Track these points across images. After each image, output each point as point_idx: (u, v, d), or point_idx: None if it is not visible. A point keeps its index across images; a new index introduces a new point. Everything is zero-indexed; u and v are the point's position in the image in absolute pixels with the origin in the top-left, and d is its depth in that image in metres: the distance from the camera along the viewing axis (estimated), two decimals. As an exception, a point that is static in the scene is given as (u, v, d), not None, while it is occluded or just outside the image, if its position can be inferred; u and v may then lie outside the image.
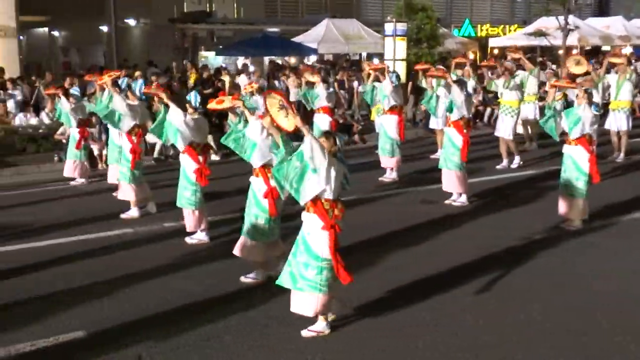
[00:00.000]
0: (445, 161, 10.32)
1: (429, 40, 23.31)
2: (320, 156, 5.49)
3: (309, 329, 5.79)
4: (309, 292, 5.64)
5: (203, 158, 8.32)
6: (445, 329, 5.93)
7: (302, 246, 5.70)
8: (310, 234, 5.66)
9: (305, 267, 5.64)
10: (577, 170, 8.91)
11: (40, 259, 7.90)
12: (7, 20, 19.31)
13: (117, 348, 5.54)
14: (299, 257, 5.70)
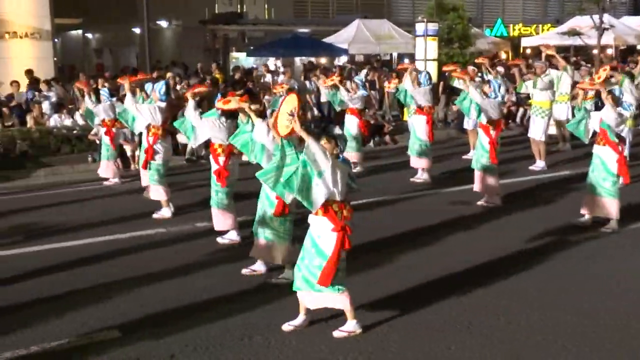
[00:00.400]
0: (476, 162, 10.29)
1: (461, 41, 23.19)
2: (322, 158, 5.49)
3: (340, 329, 5.78)
4: (329, 292, 5.68)
5: (225, 159, 8.33)
6: (477, 330, 5.88)
7: (313, 249, 5.69)
8: (320, 236, 5.67)
9: (319, 270, 5.64)
10: (605, 171, 8.80)
11: (74, 258, 7.99)
12: (42, 23, 19.57)
13: (151, 347, 5.58)
14: (311, 260, 5.69)
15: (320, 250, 5.64)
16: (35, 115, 15.36)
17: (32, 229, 9.36)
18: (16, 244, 8.63)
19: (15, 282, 7.17)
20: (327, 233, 5.62)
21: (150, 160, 9.85)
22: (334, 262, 5.59)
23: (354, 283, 6.94)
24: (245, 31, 31.31)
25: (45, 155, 14.06)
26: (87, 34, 36.40)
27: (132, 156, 13.96)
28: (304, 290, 5.78)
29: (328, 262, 5.59)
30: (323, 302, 5.78)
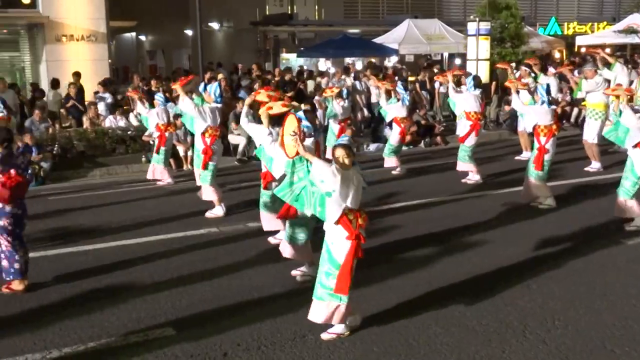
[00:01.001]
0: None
1: (513, 40, 22.92)
2: (330, 178, 5.42)
3: (329, 332, 5.77)
4: (329, 301, 5.63)
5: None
6: (532, 334, 5.80)
7: (326, 255, 5.67)
8: (334, 243, 5.62)
9: (327, 276, 5.62)
10: (630, 171, 8.78)
11: (129, 256, 8.15)
12: (98, 26, 19.96)
13: (204, 345, 5.65)
14: (322, 266, 5.69)
15: (332, 257, 5.61)
16: (91, 117, 15.70)
17: (88, 227, 9.57)
18: (73, 242, 8.84)
19: (72, 279, 7.34)
20: (341, 241, 5.57)
21: (209, 161, 9.98)
22: (348, 270, 5.54)
23: (402, 283, 6.94)
24: (296, 32, 31.46)
25: (101, 155, 14.38)
26: (141, 36, 37.05)
27: (185, 157, 14.15)
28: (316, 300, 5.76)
29: (342, 270, 5.54)
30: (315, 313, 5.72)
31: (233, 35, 31.08)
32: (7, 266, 6.91)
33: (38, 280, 7.26)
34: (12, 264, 6.90)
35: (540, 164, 9.90)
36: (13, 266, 6.91)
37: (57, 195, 12.15)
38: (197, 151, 10.15)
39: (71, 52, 19.64)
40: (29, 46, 20.44)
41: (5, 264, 6.91)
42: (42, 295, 6.91)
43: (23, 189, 6.98)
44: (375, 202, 10.50)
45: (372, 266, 7.63)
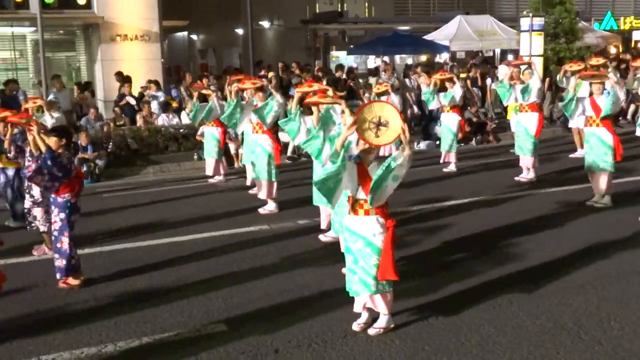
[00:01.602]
0: (595, 162, 9.90)
1: (567, 35, 22.47)
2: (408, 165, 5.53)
3: (375, 327, 5.78)
4: (386, 291, 5.70)
5: None
6: (588, 335, 5.68)
7: (368, 249, 5.63)
8: (376, 234, 5.61)
9: (375, 268, 5.61)
10: None
11: (181, 253, 8.26)
12: (151, 25, 20.28)
13: (256, 342, 5.68)
14: (368, 261, 5.63)
15: (378, 248, 5.60)
16: (145, 115, 15.96)
17: (141, 224, 9.73)
18: (126, 238, 8.99)
19: (126, 276, 7.47)
20: (382, 229, 5.61)
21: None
22: (390, 254, 5.58)
23: (454, 282, 6.88)
24: (346, 30, 31.41)
25: (154, 153, 14.61)
26: (192, 36, 37.49)
27: (236, 154, 14.27)
28: (362, 294, 5.75)
29: (385, 256, 5.57)
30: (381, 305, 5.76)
31: (283, 33, 31.20)
32: (62, 265, 7.05)
33: (93, 275, 7.42)
34: (69, 261, 7.05)
35: (620, 154, 9.72)
36: (70, 263, 7.06)
37: (111, 192, 12.38)
38: (264, 148, 10.19)
39: (125, 52, 20.00)
40: (84, 46, 20.90)
41: (61, 263, 7.05)
42: (97, 290, 7.05)
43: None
44: (426, 200, 10.43)
45: (422, 265, 7.59)
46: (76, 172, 7.30)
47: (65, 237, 7.04)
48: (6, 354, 5.55)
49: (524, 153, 11.84)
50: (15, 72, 20.09)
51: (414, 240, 8.39)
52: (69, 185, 7.04)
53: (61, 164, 6.93)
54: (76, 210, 7.19)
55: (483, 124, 17.07)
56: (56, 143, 7.06)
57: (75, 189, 7.14)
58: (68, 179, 7.01)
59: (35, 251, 8.29)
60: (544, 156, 13.33)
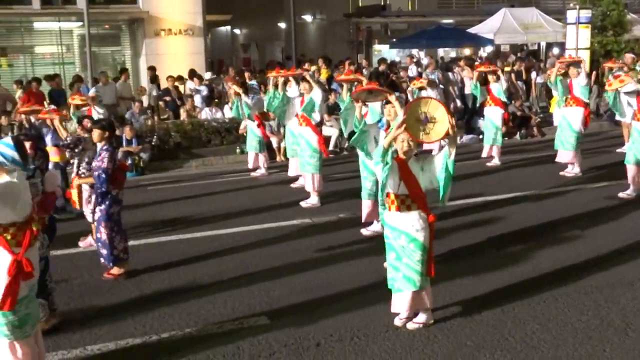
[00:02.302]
0: (635, 156, 9.75)
1: (615, 28, 21.99)
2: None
3: (415, 321, 5.76)
4: (427, 287, 5.70)
5: None
6: (636, 332, 5.56)
7: (412, 244, 5.59)
8: (419, 230, 5.58)
9: (422, 264, 5.60)
10: None
11: (224, 245, 8.32)
12: (195, 19, 20.44)
13: (298, 334, 5.69)
14: (412, 257, 5.59)
15: (421, 243, 5.58)
16: (188, 109, 16.11)
17: (185, 217, 9.83)
18: (171, 231, 9.09)
19: (170, 267, 7.56)
20: (425, 224, 5.60)
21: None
22: (431, 250, 5.62)
23: (497, 278, 6.80)
24: (389, 23, 31.27)
25: (197, 146, 14.73)
26: (235, 30, 37.69)
27: (278, 148, 14.31)
28: (406, 291, 5.68)
29: (430, 250, 5.62)
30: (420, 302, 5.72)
31: (326, 27, 31.20)
32: (106, 253, 7.17)
33: (137, 267, 7.52)
34: (111, 252, 7.16)
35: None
36: (112, 253, 7.16)
37: (155, 185, 12.53)
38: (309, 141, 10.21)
39: (169, 46, 20.21)
40: (129, 40, 21.15)
41: (105, 251, 7.17)
42: (142, 282, 7.14)
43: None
44: (469, 195, 10.32)
45: (466, 260, 7.52)
46: (119, 165, 7.39)
47: (103, 228, 7.14)
48: (53, 344, 5.66)
49: (564, 147, 11.64)
50: (61, 66, 20.45)
51: (457, 235, 8.32)
52: (111, 177, 7.12)
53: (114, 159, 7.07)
54: (117, 202, 7.28)
55: (527, 118, 16.84)
56: (100, 136, 7.17)
57: (117, 181, 7.21)
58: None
59: (82, 242, 8.42)
60: (591, 151, 13.09)
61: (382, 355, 5.33)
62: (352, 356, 5.33)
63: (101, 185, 7.04)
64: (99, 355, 5.50)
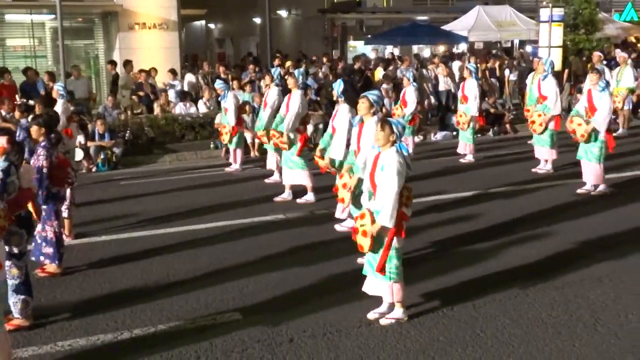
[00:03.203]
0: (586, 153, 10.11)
1: (587, 26, 22.24)
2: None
3: (387, 317, 5.80)
4: (382, 281, 5.73)
5: None
6: (604, 328, 5.65)
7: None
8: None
9: (374, 258, 5.70)
10: None
11: (198, 240, 8.29)
12: (169, 14, 20.27)
13: (271, 330, 5.70)
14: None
15: (379, 236, 5.64)
16: (162, 103, 15.99)
17: (158, 212, 9.76)
18: (143, 226, 9.03)
19: (142, 263, 7.51)
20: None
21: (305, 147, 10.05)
22: (386, 249, 5.60)
23: (469, 274, 6.86)
24: (364, 19, 31.30)
25: (171, 141, 14.66)
26: (210, 25, 37.51)
27: (252, 143, 14.27)
28: (369, 275, 5.86)
29: (384, 249, 5.62)
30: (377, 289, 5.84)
31: (301, 23, 31.15)
32: (52, 251, 7.01)
33: (109, 263, 7.46)
34: (58, 249, 7.04)
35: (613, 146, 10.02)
36: (58, 251, 7.05)
37: (128, 179, 12.44)
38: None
39: (143, 40, 20.01)
40: (102, 34, 20.91)
41: (51, 249, 7.01)
42: (114, 277, 7.09)
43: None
44: (442, 191, 10.39)
45: (438, 256, 7.58)
46: (58, 162, 7.02)
47: (49, 226, 6.97)
48: (23, 340, 5.60)
49: (540, 145, 11.78)
50: (33, 59, 20.17)
51: (429, 232, 8.37)
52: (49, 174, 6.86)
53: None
54: (60, 200, 7.11)
55: (501, 115, 16.96)
56: (37, 132, 6.96)
57: (57, 179, 6.95)
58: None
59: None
60: (563, 148, 13.21)
61: (355, 350, 5.35)
62: (325, 352, 5.35)
63: (40, 184, 6.73)
64: (70, 351, 5.45)
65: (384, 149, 5.62)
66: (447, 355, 5.25)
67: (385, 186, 5.50)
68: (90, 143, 13.49)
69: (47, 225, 6.97)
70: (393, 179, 5.47)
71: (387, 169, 5.52)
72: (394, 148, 5.60)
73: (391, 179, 5.47)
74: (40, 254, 7.04)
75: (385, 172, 5.52)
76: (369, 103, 6.86)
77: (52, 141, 6.96)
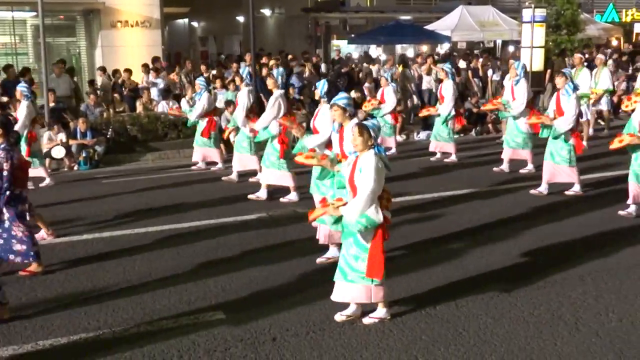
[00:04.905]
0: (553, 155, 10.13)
1: (569, 27, 22.46)
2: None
3: (371, 316, 5.80)
4: (361, 284, 5.66)
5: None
6: (585, 327, 5.69)
7: (351, 238, 5.66)
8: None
9: (355, 260, 5.64)
10: None
11: (180, 239, 8.26)
12: (152, 11, 20.20)
13: (254, 329, 5.68)
14: (349, 250, 5.68)
15: (357, 239, 5.62)
16: (145, 102, 15.92)
17: (140, 210, 9.72)
18: (125, 224, 8.99)
19: (125, 261, 7.48)
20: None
21: (286, 149, 9.98)
22: (379, 252, 5.56)
23: (451, 273, 6.89)
24: (347, 19, 31.35)
25: (154, 140, 14.57)
26: (193, 23, 37.41)
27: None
28: (339, 282, 5.78)
29: (373, 253, 5.56)
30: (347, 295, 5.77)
31: (284, 21, 31.13)
32: (25, 249, 6.94)
33: (92, 261, 7.42)
34: (31, 246, 6.97)
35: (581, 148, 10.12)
36: (32, 249, 6.98)
37: (110, 178, 12.37)
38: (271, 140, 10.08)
39: (125, 38, 19.94)
40: (84, 32, 20.81)
41: (24, 247, 6.93)
42: (95, 276, 7.04)
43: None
44: (423, 191, 10.42)
45: (421, 255, 7.60)
46: (18, 163, 6.86)
47: (17, 227, 6.87)
48: (3, 339, 5.55)
49: (510, 146, 11.77)
50: (15, 56, 20.02)
51: (411, 231, 8.40)
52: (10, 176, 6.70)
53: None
54: (23, 201, 6.98)
55: (483, 114, 17.03)
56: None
57: (18, 180, 6.81)
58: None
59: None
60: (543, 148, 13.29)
61: (338, 349, 5.35)
62: (308, 350, 5.34)
63: (1, 187, 6.63)
64: (51, 350, 5.41)
65: (362, 153, 5.61)
66: (429, 353, 5.27)
67: (362, 185, 5.48)
68: (72, 141, 13.40)
69: (14, 226, 6.87)
70: (371, 178, 5.45)
71: (366, 170, 5.50)
72: (372, 151, 5.58)
73: (369, 178, 5.46)
74: (9, 253, 6.94)
75: (363, 173, 5.51)
76: (341, 110, 6.72)
77: (11, 141, 6.84)
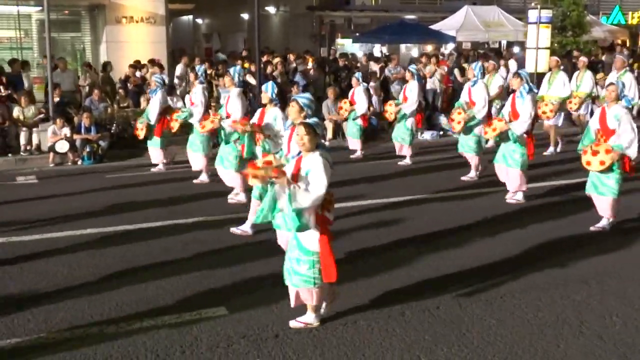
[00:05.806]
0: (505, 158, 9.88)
1: (575, 29, 22.42)
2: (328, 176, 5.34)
3: (298, 320, 5.72)
4: (304, 287, 5.55)
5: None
6: (590, 330, 5.67)
7: (294, 241, 5.57)
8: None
9: (297, 263, 5.53)
10: None
11: (183, 234, 8.26)
12: (157, 8, 20.20)
13: (257, 326, 5.68)
14: (291, 253, 5.60)
15: (299, 242, 5.51)
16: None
17: (143, 205, 9.71)
18: (130, 220, 8.97)
19: (128, 257, 7.48)
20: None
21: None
22: (328, 255, 5.42)
23: (455, 274, 6.87)
24: (352, 17, 31.33)
25: (157, 135, 14.49)
26: (198, 20, 37.39)
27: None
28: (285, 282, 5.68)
29: (324, 256, 5.42)
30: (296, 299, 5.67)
31: (289, 19, 31.10)
32: None
33: (95, 256, 7.44)
34: None
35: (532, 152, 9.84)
36: None
37: (113, 173, 12.37)
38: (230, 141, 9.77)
39: (130, 34, 19.94)
40: (89, 27, 20.82)
41: None
42: (99, 271, 7.04)
43: None
44: (422, 190, 10.41)
45: (427, 255, 7.57)
46: None
47: None
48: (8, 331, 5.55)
49: (465, 151, 11.43)
50: (20, 51, 20.03)
51: (416, 230, 8.38)
52: None
53: None
54: None
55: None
56: None
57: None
58: None
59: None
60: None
61: (340, 347, 5.34)
62: (311, 348, 5.33)
63: None
64: (52, 343, 5.40)
65: (308, 153, 5.43)
66: (432, 354, 5.25)
67: (313, 185, 5.28)
68: (76, 136, 13.41)
69: None
70: (322, 177, 5.28)
71: (314, 170, 5.31)
72: (317, 152, 5.41)
73: (321, 177, 5.28)
74: None
75: (312, 174, 5.30)
76: (298, 107, 6.40)
77: None
